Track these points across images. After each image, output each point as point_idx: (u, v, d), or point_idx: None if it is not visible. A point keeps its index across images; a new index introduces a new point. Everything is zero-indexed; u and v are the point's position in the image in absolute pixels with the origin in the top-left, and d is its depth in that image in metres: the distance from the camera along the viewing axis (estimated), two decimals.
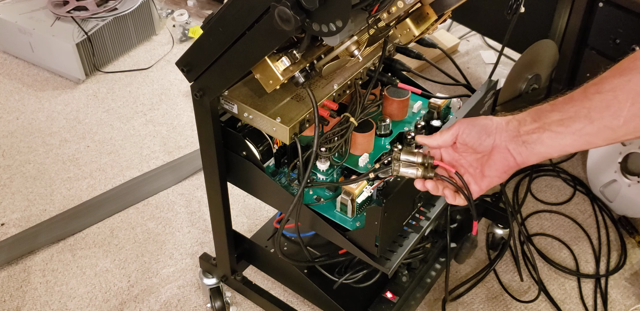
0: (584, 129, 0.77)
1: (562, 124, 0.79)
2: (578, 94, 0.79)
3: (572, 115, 0.78)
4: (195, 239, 1.65)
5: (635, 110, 0.74)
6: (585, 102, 0.77)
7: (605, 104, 0.75)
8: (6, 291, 1.53)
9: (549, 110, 0.81)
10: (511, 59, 2.19)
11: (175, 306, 1.50)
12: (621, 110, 0.74)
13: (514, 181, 1.81)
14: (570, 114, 0.78)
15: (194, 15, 2.46)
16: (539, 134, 0.81)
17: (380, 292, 1.34)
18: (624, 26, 1.54)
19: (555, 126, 0.79)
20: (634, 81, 0.73)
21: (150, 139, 1.95)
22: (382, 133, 1.13)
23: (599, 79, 0.77)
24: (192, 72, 0.95)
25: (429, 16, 0.84)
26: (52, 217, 1.69)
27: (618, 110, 0.74)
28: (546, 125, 0.80)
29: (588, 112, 0.77)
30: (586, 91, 0.78)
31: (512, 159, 0.84)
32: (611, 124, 0.75)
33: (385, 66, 1.20)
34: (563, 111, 0.79)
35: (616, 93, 0.74)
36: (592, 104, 0.77)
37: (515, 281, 1.57)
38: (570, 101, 0.79)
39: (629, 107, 0.74)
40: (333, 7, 0.72)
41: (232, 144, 1.05)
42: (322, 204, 1.05)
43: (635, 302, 1.53)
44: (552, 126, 0.79)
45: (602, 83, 0.76)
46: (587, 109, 0.77)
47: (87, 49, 2.10)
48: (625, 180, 1.64)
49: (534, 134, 0.81)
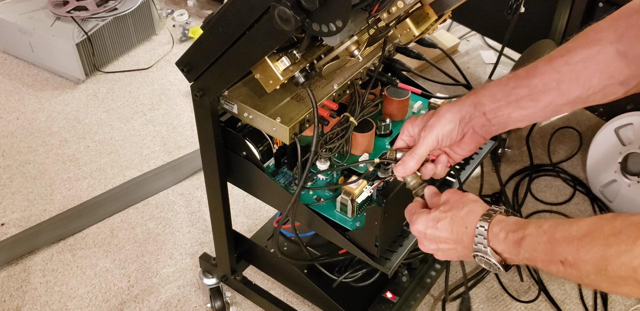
0: (554, 101, 0.78)
1: (532, 99, 0.79)
2: (543, 66, 0.79)
3: (541, 89, 0.78)
4: (195, 239, 1.65)
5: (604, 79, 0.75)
6: (554, 74, 0.77)
7: (575, 75, 0.76)
8: (6, 291, 1.53)
9: (514, 86, 0.80)
10: (511, 59, 2.19)
11: (175, 306, 1.50)
12: (590, 80, 0.75)
13: (514, 181, 1.81)
14: (539, 88, 0.78)
15: (194, 15, 2.46)
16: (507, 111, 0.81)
17: (380, 292, 1.34)
18: None
19: (525, 102, 0.79)
20: (604, 51, 0.74)
21: (150, 139, 1.95)
22: (382, 133, 1.13)
23: (564, 49, 0.77)
24: (192, 72, 0.95)
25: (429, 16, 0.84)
26: (52, 217, 1.69)
27: (588, 80, 0.75)
28: (513, 102, 0.80)
29: (557, 84, 0.77)
30: (552, 62, 0.78)
31: (481, 138, 0.86)
32: (582, 94, 0.76)
33: (385, 66, 1.20)
34: (530, 86, 0.79)
35: (586, 64, 0.75)
36: (562, 76, 0.77)
37: (515, 281, 1.57)
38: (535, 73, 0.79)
39: (599, 76, 0.75)
40: (333, 7, 0.72)
41: (232, 144, 1.05)
42: (322, 204, 1.05)
43: (635, 302, 1.53)
44: (521, 102, 0.79)
45: (570, 54, 0.76)
46: (557, 81, 0.77)
47: (87, 49, 2.10)
48: (625, 180, 1.64)
49: (500, 112, 0.81)
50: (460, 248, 0.78)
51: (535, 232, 0.68)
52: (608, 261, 0.60)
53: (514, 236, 0.71)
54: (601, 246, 0.60)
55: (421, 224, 0.81)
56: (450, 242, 0.79)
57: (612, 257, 0.59)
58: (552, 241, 0.66)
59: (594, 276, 0.62)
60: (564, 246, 0.64)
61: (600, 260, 0.61)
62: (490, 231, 0.74)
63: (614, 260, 0.59)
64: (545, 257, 0.67)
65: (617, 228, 0.60)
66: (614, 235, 0.60)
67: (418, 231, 0.82)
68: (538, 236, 0.67)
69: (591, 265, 0.61)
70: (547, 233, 0.67)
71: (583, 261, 0.62)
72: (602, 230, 0.61)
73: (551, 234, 0.66)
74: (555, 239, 0.65)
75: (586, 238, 0.62)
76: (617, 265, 0.59)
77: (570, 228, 0.65)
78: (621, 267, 0.59)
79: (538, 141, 1.94)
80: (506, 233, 0.72)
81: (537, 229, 0.68)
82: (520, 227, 0.71)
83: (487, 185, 1.78)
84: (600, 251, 0.60)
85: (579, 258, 0.62)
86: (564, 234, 0.65)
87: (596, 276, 0.62)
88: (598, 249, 0.61)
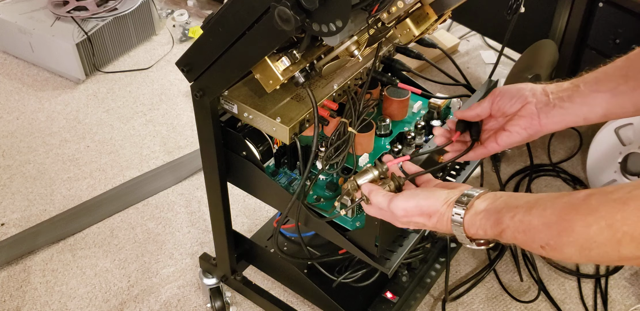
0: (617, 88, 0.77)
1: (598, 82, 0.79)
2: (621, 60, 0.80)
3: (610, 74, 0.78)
4: (195, 239, 1.65)
5: None
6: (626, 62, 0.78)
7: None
8: (6, 291, 1.53)
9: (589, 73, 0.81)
10: (511, 59, 2.19)
11: (175, 306, 1.50)
12: None
13: (513, 181, 1.81)
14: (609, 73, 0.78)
15: (194, 15, 2.46)
16: (570, 92, 0.80)
17: (380, 292, 1.34)
18: (624, 26, 1.54)
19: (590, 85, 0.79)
20: None
21: (150, 139, 1.95)
22: (382, 133, 1.13)
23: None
24: (192, 72, 0.95)
25: (429, 16, 0.84)
26: (52, 217, 1.69)
27: None
28: (581, 83, 0.80)
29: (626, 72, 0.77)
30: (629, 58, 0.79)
31: (536, 118, 0.84)
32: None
33: (385, 66, 1.20)
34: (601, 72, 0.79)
35: None
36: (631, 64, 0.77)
37: (515, 281, 1.57)
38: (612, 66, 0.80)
39: None
40: (333, 7, 0.72)
41: (232, 144, 1.05)
42: (322, 204, 1.05)
43: (635, 302, 1.53)
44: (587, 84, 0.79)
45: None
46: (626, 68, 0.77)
47: (87, 49, 2.10)
48: (625, 180, 1.64)
49: (566, 93, 0.81)
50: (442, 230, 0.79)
51: (512, 224, 0.68)
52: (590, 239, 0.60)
53: (492, 231, 0.71)
54: (581, 228, 0.61)
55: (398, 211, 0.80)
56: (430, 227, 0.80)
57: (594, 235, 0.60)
58: (531, 229, 0.66)
59: (578, 256, 0.63)
60: (544, 232, 0.64)
61: (582, 239, 0.61)
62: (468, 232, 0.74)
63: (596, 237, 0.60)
64: (527, 244, 0.67)
65: (593, 206, 0.61)
66: (591, 214, 0.60)
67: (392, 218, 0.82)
68: (515, 227, 0.68)
69: (574, 246, 0.62)
70: (524, 222, 0.67)
71: (565, 244, 0.63)
72: (578, 211, 0.62)
73: (528, 223, 0.66)
74: (534, 227, 0.66)
75: (564, 221, 0.62)
76: (600, 241, 0.59)
77: (544, 212, 0.65)
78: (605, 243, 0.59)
79: (538, 140, 1.94)
80: (484, 230, 0.72)
81: (512, 221, 0.68)
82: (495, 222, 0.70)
83: (487, 185, 1.78)
84: (581, 232, 0.61)
85: (560, 242, 0.63)
86: (540, 220, 0.65)
87: (580, 255, 0.62)
88: (579, 230, 0.61)
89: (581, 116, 0.81)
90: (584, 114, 0.81)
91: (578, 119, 0.82)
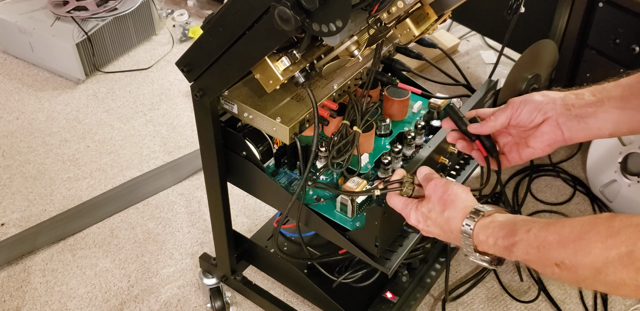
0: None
1: (623, 98, 0.75)
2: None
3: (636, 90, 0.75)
4: (195, 239, 1.65)
5: None
6: None
7: None
8: (6, 291, 1.53)
9: (612, 86, 0.77)
10: (511, 59, 2.19)
11: (175, 306, 1.50)
12: None
13: (513, 181, 1.81)
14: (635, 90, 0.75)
15: (194, 15, 2.46)
16: (595, 108, 0.77)
17: (380, 292, 1.34)
18: (624, 26, 1.54)
19: (615, 101, 0.76)
20: None
21: (150, 139, 1.95)
22: (382, 133, 1.13)
23: None
24: (192, 72, 0.95)
25: (429, 16, 0.84)
26: (52, 217, 1.69)
27: None
28: (605, 99, 0.77)
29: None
30: None
31: (559, 133, 0.81)
32: None
33: (385, 66, 1.20)
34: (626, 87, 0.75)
35: None
36: None
37: (515, 281, 1.57)
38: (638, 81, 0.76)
39: None
40: (333, 7, 0.72)
41: (232, 144, 1.05)
42: (322, 204, 1.05)
43: (635, 302, 1.53)
44: (612, 101, 0.76)
45: None
46: None
47: (87, 49, 2.10)
48: (625, 180, 1.64)
49: (590, 108, 0.78)
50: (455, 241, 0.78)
51: (526, 237, 0.65)
52: (608, 263, 0.57)
53: (503, 243, 0.69)
54: (600, 250, 0.58)
55: (413, 219, 0.83)
56: (444, 237, 0.80)
57: (613, 260, 0.57)
58: (546, 246, 0.63)
59: (592, 280, 0.60)
60: (559, 250, 0.62)
61: (599, 262, 0.58)
62: (477, 238, 0.72)
63: (615, 262, 0.57)
64: (539, 261, 0.65)
65: (615, 228, 0.58)
66: (611, 237, 0.58)
67: (413, 223, 0.84)
68: (529, 241, 0.65)
69: (589, 268, 0.59)
70: (539, 237, 0.64)
71: (581, 264, 0.60)
72: (599, 231, 0.59)
73: (543, 238, 0.64)
74: (549, 243, 0.63)
75: (582, 240, 0.60)
76: (618, 268, 0.57)
77: (562, 229, 0.63)
78: (623, 270, 0.57)
79: None
80: (494, 239, 0.70)
81: (527, 235, 0.66)
82: (508, 233, 0.68)
83: (487, 185, 1.78)
84: (600, 254, 0.58)
85: (576, 262, 0.60)
86: (557, 237, 0.62)
87: (594, 279, 0.60)
88: (597, 252, 0.58)
89: (606, 132, 0.78)
90: (609, 130, 0.78)
91: (602, 134, 0.79)
